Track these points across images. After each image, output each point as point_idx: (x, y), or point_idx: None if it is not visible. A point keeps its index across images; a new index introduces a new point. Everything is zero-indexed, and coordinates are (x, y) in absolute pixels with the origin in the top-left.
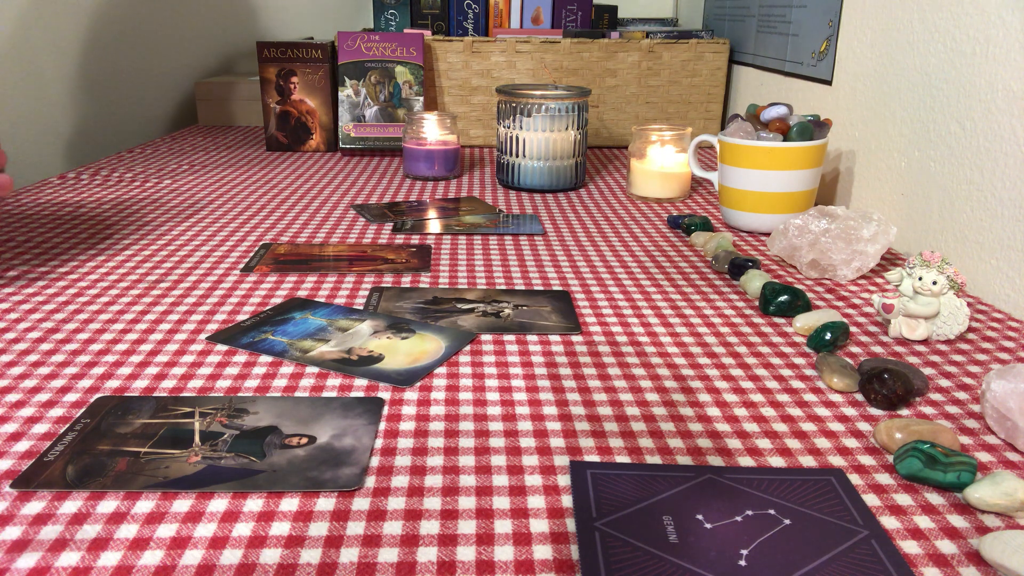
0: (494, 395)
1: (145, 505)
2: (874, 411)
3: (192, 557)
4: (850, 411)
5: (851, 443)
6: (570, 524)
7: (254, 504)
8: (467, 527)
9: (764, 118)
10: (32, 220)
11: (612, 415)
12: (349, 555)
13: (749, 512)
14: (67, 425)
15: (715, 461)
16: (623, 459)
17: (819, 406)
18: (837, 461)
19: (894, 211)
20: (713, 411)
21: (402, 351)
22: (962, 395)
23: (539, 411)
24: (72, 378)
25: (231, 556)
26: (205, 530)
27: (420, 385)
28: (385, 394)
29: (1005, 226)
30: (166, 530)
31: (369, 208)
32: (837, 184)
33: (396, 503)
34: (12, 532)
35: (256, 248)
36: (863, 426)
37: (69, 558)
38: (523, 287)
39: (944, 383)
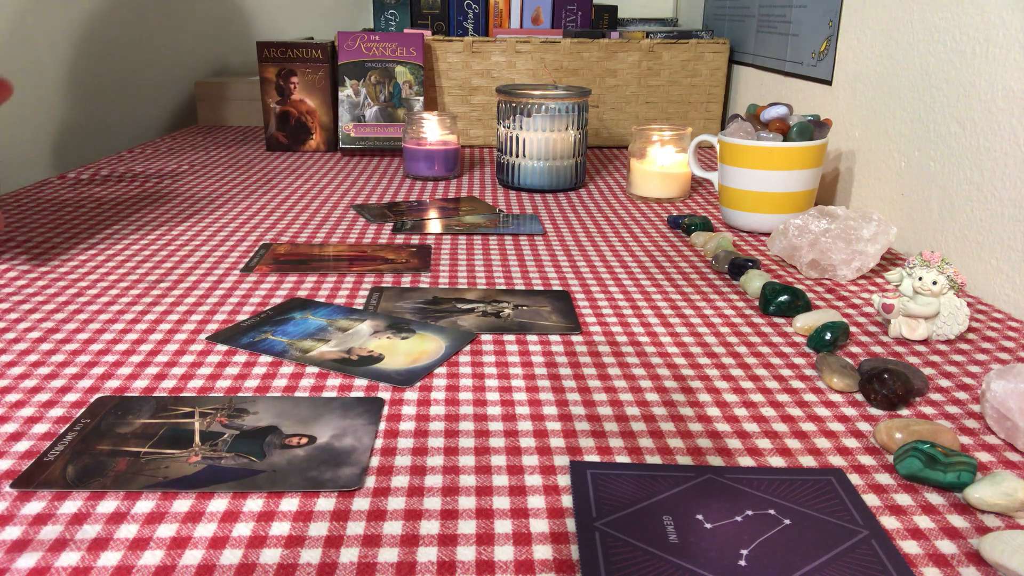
0: (494, 395)
1: (145, 505)
2: (874, 411)
3: (192, 557)
4: (850, 411)
5: (851, 443)
6: (570, 524)
7: (254, 504)
8: (467, 527)
9: (764, 118)
10: (32, 220)
11: (612, 415)
12: (349, 555)
13: (749, 512)
14: (67, 425)
15: (715, 461)
16: (623, 459)
17: (819, 406)
18: (837, 461)
19: (894, 211)
20: (713, 411)
21: (402, 351)
22: (962, 395)
23: (539, 411)
24: (72, 378)
25: (231, 556)
26: (205, 530)
27: (420, 385)
28: (385, 394)
29: (1005, 226)
30: (166, 530)
31: (369, 208)
32: (837, 184)
33: (396, 503)
34: (12, 532)
35: (256, 248)
36: (863, 426)
37: (69, 558)
38: (523, 287)
39: (944, 383)
